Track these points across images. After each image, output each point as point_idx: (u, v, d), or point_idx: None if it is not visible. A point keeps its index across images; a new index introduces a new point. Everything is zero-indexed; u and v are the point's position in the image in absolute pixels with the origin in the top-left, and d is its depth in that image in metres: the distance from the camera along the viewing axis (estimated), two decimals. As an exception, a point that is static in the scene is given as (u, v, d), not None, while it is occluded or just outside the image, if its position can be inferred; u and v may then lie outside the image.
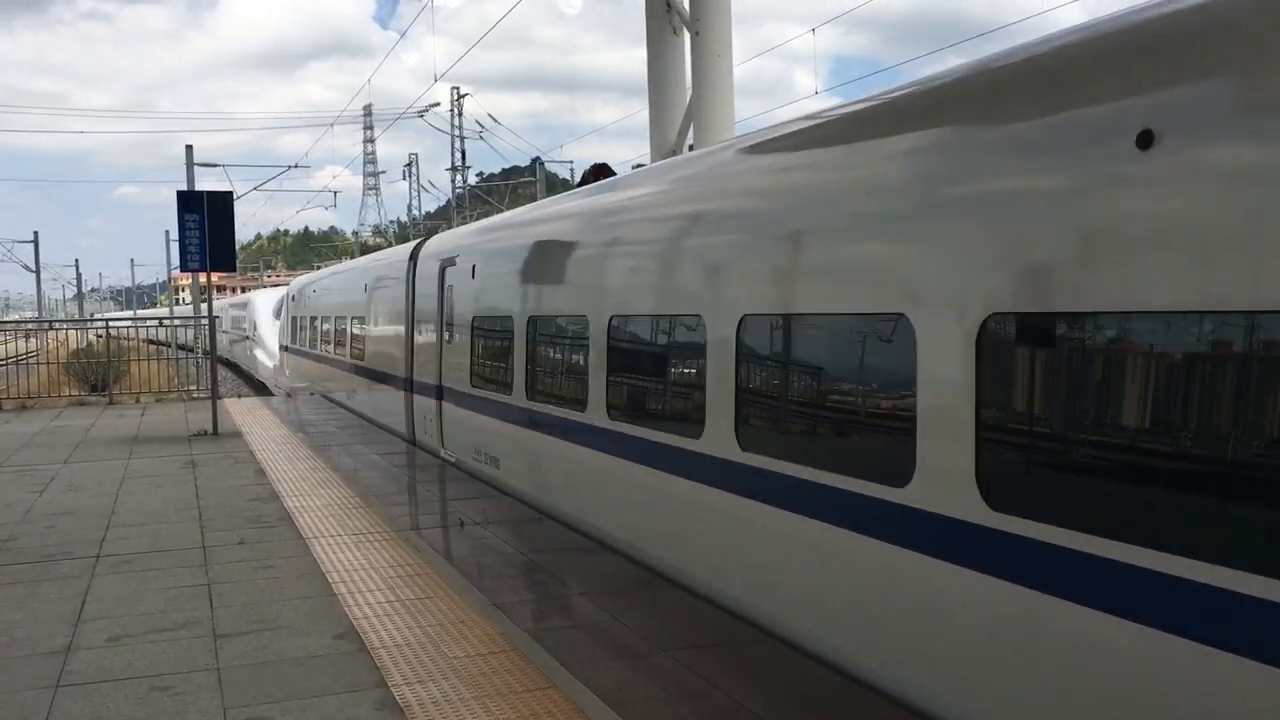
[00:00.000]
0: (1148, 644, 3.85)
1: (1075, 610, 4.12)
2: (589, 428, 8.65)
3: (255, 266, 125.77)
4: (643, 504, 7.92)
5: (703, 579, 7.02)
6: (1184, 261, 3.76)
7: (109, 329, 28.85)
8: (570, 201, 10.55)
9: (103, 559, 8.38)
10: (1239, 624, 3.52)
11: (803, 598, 5.90)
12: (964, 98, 5.11)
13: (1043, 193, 4.36)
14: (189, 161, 32.79)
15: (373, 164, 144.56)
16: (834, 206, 5.81)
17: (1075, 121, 4.25)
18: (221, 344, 39.68)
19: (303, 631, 6.48)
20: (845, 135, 6.01)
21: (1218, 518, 3.71)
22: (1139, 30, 4.16)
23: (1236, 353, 3.69)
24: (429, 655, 5.99)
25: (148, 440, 15.67)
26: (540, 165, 50.48)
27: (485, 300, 11.98)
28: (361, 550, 8.49)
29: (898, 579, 5.14)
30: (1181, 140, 3.77)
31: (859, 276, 5.54)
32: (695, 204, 7.47)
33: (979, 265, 4.65)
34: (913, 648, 5.04)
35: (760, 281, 6.35)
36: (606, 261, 8.75)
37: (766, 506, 6.16)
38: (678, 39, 14.06)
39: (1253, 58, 3.62)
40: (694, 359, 7.08)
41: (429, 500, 11.14)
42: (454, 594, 7.21)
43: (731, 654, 5.92)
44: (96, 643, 6.36)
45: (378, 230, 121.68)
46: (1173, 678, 3.76)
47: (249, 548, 8.65)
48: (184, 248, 16.08)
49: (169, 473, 12.56)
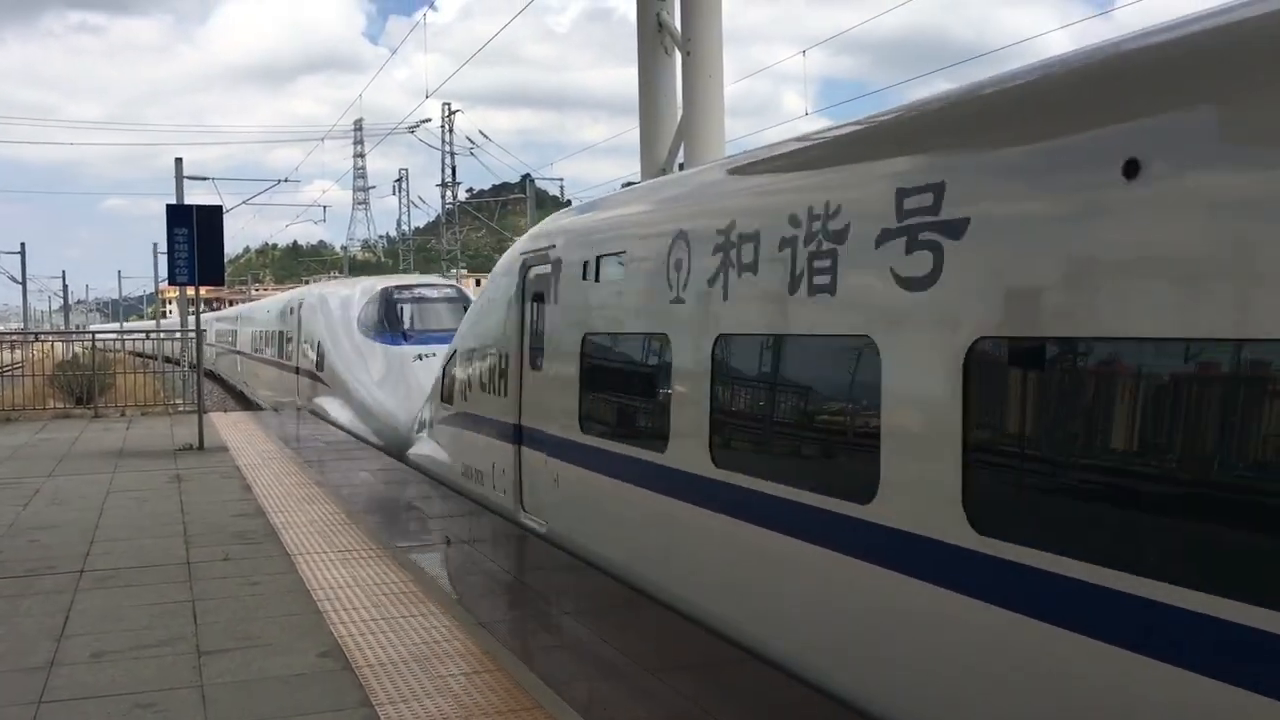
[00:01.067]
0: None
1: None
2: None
3: (244, 280, 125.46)
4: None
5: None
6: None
7: (94, 342, 28.62)
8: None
9: (86, 574, 8.32)
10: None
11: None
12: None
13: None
14: (178, 174, 32.78)
15: (363, 179, 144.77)
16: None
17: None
18: (210, 357, 39.62)
19: (287, 649, 6.44)
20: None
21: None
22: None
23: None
24: (414, 674, 5.97)
25: (133, 454, 15.60)
26: (531, 182, 50.54)
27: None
28: (348, 567, 8.45)
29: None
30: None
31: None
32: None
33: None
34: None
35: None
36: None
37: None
38: (669, 59, 14.14)
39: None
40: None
41: (415, 517, 11.10)
42: (440, 612, 7.19)
43: (719, 676, 5.91)
44: (79, 659, 6.32)
45: (367, 245, 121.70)
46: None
47: (234, 564, 8.60)
48: (172, 261, 16.03)
49: (154, 487, 12.49)
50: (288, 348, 27.33)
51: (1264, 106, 3.54)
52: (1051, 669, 4.15)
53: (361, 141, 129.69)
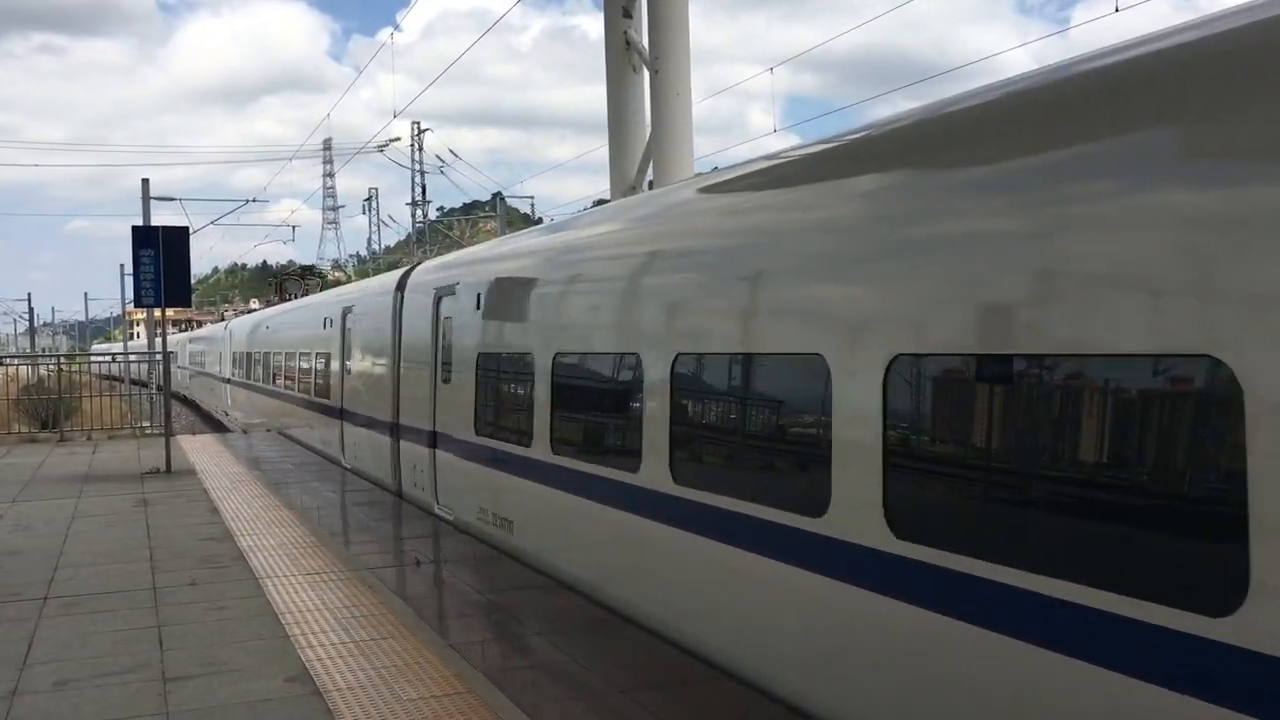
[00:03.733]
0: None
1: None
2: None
3: (213, 301, 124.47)
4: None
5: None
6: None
7: (60, 366, 28.26)
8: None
9: (50, 600, 8.21)
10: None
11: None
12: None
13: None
14: (145, 195, 32.52)
15: (333, 198, 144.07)
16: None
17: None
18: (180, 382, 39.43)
19: (254, 674, 6.37)
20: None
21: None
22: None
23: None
24: (383, 698, 5.91)
25: (99, 479, 15.42)
26: (501, 200, 50.48)
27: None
28: (316, 590, 8.38)
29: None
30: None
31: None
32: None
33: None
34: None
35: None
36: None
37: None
38: (638, 77, 14.19)
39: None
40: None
41: (385, 539, 11.01)
42: (409, 634, 7.13)
43: (690, 695, 5.89)
44: (43, 687, 6.22)
45: (337, 264, 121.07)
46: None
47: (201, 589, 8.51)
48: (138, 283, 15.90)
49: (120, 512, 12.35)
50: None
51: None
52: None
53: (331, 160, 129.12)
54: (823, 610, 5.25)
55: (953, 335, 4.55)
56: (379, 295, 15.12)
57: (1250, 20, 3.68)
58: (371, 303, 15.54)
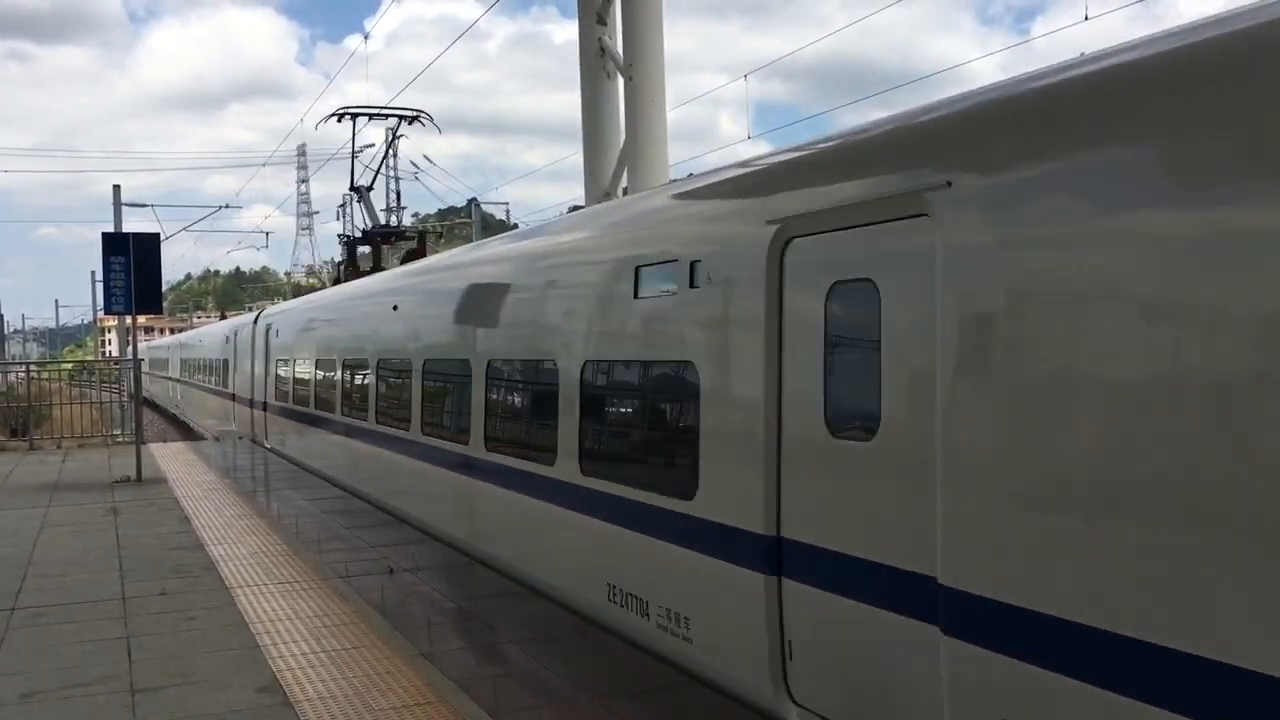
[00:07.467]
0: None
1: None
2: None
3: (185, 307, 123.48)
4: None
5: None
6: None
7: (29, 374, 27.94)
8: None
9: (18, 611, 8.12)
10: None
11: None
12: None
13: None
14: (116, 201, 32.30)
15: (306, 204, 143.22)
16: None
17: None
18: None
19: (224, 685, 6.32)
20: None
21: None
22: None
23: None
24: (354, 708, 5.88)
25: (69, 487, 15.27)
26: (477, 206, 50.32)
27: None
28: (288, 600, 8.32)
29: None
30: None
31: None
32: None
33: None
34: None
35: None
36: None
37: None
38: (612, 84, 14.22)
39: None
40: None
41: (357, 547, 10.94)
42: (381, 644, 7.09)
43: (665, 701, 5.89)
44: (9, 700, 6.15)
45: (312, 270, 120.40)
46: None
47: (171, 599, 8.43)
48: (109, 290, 15.76)
49: (90, 521, 12.23)
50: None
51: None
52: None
53: (305, 167, 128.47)
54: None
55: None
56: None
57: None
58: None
